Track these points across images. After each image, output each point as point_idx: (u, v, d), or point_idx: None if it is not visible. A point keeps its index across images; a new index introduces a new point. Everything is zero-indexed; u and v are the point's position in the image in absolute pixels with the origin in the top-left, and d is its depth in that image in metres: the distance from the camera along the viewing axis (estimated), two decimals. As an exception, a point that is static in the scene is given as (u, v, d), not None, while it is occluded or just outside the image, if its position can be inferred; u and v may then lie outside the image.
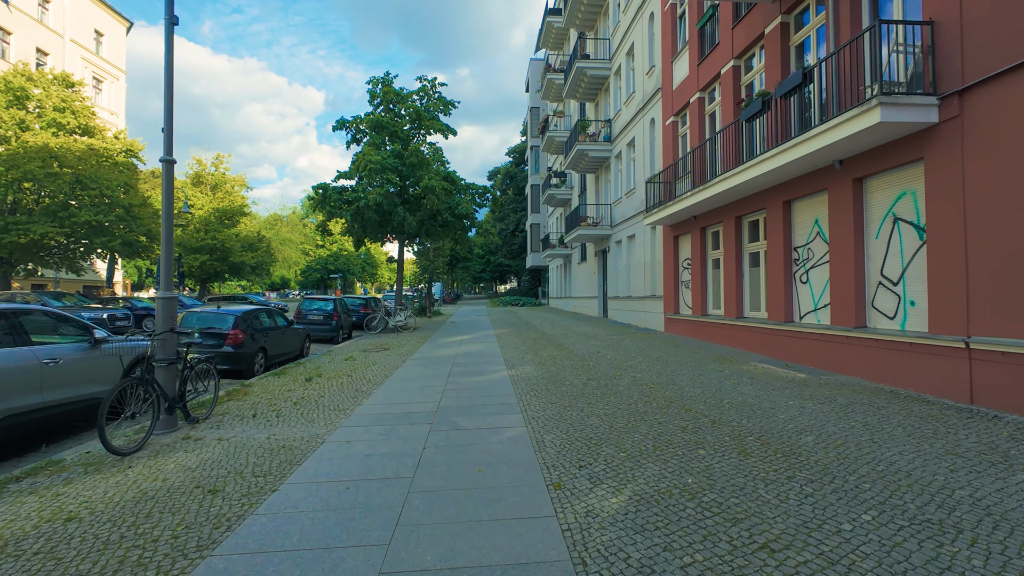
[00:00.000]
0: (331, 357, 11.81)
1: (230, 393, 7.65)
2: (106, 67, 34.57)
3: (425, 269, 30.95)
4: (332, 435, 5.32)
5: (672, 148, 14.42)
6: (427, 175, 17.39)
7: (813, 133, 6.96)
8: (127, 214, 21.28)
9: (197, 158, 35.65)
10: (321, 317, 16.58)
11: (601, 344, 12.48)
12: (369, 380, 8.53)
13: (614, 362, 9.61)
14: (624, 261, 19.19)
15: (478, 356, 11.15)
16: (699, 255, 12.68)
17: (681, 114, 14.18)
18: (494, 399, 6.82)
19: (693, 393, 6.77)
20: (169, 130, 5.82)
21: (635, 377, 8.03)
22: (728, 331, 11.17)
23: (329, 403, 6.84)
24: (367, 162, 16.59)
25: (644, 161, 16.77)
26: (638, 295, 17.47)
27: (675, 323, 14.22)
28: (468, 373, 8.98)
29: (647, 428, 5.20)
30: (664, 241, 15.01)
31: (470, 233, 21.21)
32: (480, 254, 59.51)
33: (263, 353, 10.52)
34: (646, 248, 16.65)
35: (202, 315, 10.22)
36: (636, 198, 17.55)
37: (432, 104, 19.09)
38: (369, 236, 19.02)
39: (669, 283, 14.64)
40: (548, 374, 8.57)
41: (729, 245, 11.17)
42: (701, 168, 12.09)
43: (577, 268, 28.02)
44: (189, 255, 31.65)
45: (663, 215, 13.42)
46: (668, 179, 13.96)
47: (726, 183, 9.96)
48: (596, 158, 21.24)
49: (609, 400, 6.51)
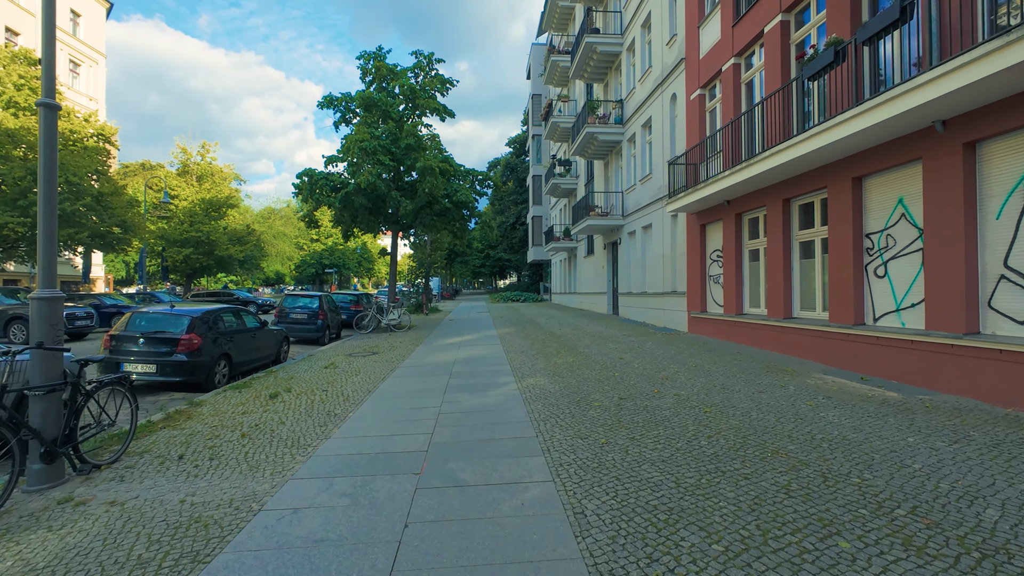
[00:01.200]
0: (310, 364, 10.19)
1: (169, 417, 6.03)
2: (84, 50, 32.69)
3: (422, 263, 29.29)
4: (276, 496, 3.70)
5: (698, 125, 12.76)
6: (423, 157, 15.72)
7: (922, 80, 5.31)
8: (97, 203, 19.57)
9: (182, 146, 33.88)
10: (305, 316, 14.95)
11: (621, 348, 10.87)
12: (347, 398, 6.90)
13: (644, 372, 8.00)
14: (638, 254, 17.56)
15: (480, 362, 9.54)
16: (733, 245, 11.05)
17: (710, 86, 12.51)
18: (504, 429, 5.21)
19: (765, 421, 5.16)
20: (50, 66, 4.17)
21: (679, 395, 6.42)
22: (773, 334, 9.56)
23: (288, 435, 5.22)
24: (356, 142, 14.91)
25: (663, 142, 15.11)
26: (655, 291, 15.85)
27: (702, 323, 12.61)
28: (469, 387, 7.36)
29: (732, 488, 3.59)
30: (688, 231, 13.38)
31: (470, 225, 19.53)
32: (479, 248, 57.85)
33: (226, 361, 8.89)
34: (665, 239, 15.01)
35: (151, 317, 8.58)
36: (653, 184, 15.90)
37: (428, 82, 17.38)
38: (360, 226, 17.37)
39: (694, 278, 13.02)
40: (568, 389, 6.96)
41: (775, 233, 9.55)
42: (735, 145, 10.46)
43: (583, 262, 26.39)
44: (172, 248, 29.95)
45: (688, 201, 11.79)
46: (693, 161, 12.32)
47: (773, 160, 8.33)
48: (606, 142, 19.56)
49: (658, 433, 4.90)
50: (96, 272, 33.78)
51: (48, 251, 4.10)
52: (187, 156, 33.86)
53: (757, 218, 10.57)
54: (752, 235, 10.78)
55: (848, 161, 7.59)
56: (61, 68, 30.76)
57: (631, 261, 18.54)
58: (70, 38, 31.77)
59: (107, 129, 21.64)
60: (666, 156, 14.88)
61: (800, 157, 7.77)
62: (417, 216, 17.20)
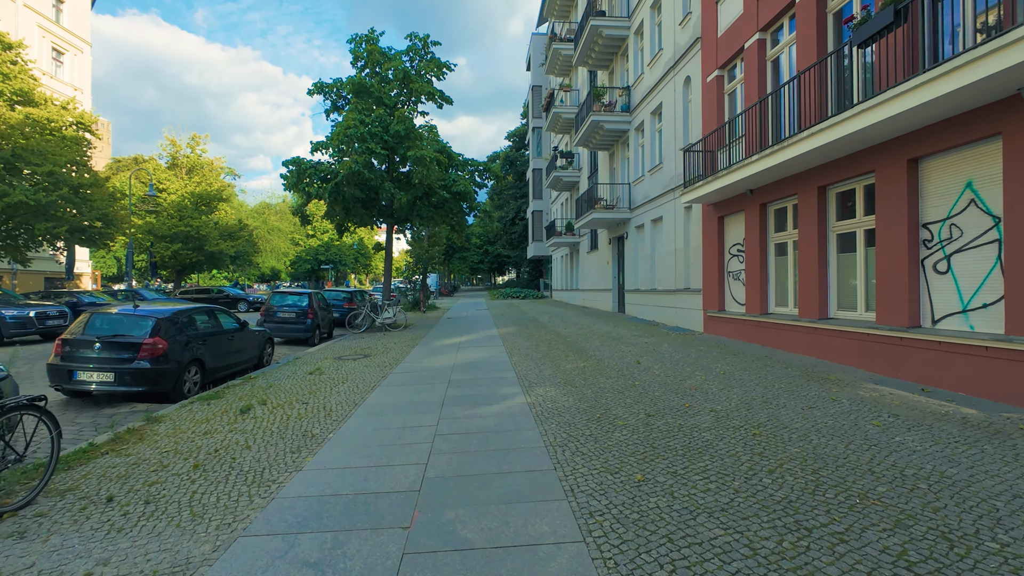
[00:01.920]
0: (294, 368, 9.25)
1: (116, 439, 5.10)
2: (68, 37, 31.50)
3: (419, 259, 28.32)
4: (216, 566, 2.77)
5: (715, 109, 11.81)
6: (416, 146, 14.73)
7: (1012, 39, 4.38)
8: (75, 195, 18.53)
9: (171, 138, 32.75)
10: (293, 315, 13.99)
11: (635, 350, 9.95)
12: (329, 413, 5.97)
13: (668, 381, 7.09)
14: (646, 249, 16.63)
15: (481, 368, 8.61)
16: (757, 239, 10.12)
17: (729, 66, 11.55)
18: (514, 458, 4.29)
19: (832, 449, 4.24)
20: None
21: (716, 411, 5.50)
22: (805, 336, 8.65)
23: (251, 465, 4.30)
24: (345, 128, 13.92)
25: (675, 130, 14.15)
26: (666, 288, 14.93)
27: (720, 323, 11.70)
28: (470, 399, 6.44)
29: (829, 557, 2.67)
30: (704, 223, 12.45)
31: (469, 218, 18.53)
32: (478, 244, 56.85)
33: (198, 367, 7.94)
34: (677, 233, 14.08)
35: (111, 318, 7.61)
36: (664, 174, 14.95)
37: (424, 66, 16.37)
38: (352, 219, 16.38)
39: (711, 274, 12.10)
40: (584, 402, 6.04)
41: (808, 224, 8.62)
42: (760, 129, 9.51)
43: (586, 258, 25.45)
44: (160, 243, 28.90)
45: (705, 191, 10.86)
46: (710, 147, 11.39)
47: (808, 143, 7.40)
48: (612, 131, 18.59)
49: (705, 465, 3.98)
50: (82, 268, 32.74)
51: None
52: (176, 148, 32.74)
53: (785, 208, 9.64)
54: (779, 227, 9.85)
55: (902, 141, 6.66)
56: (43, 56, 29.63)
57: (639, 256, 17.61)
58: (53, 25, 30.59)
59: (87, 117, 20.57)
60: (679, 144, 13.94)
61: (842, 138, 6.84)
62: (413, 208, 16.22)
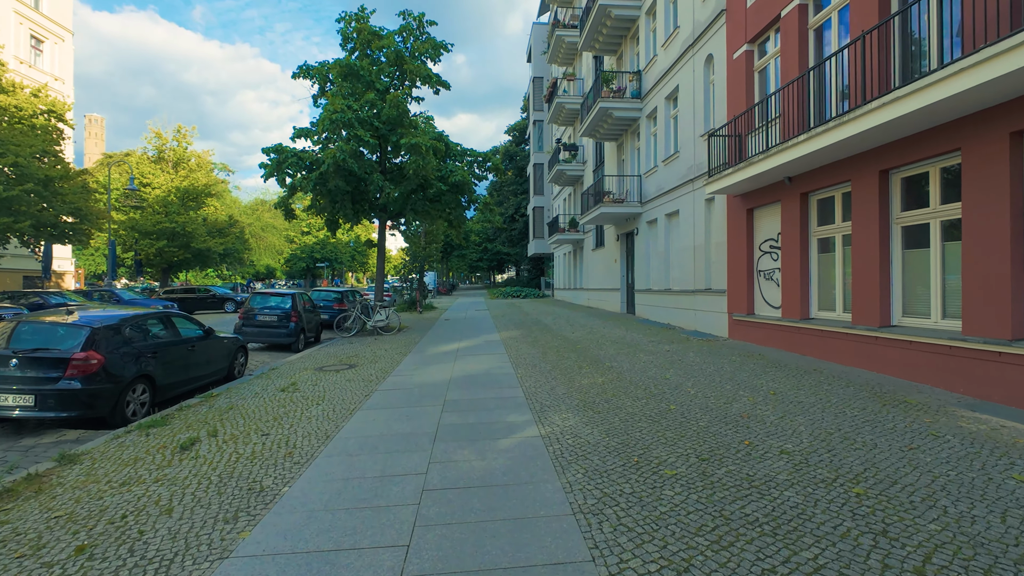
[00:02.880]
0: (265, 383, 7.98)
1: (2, 494, 3.85)
2: (48, 25, 30.09)
3: (416, 257, 27.04)
4: None
5: (744, 89, 10.55)
6: (410, 133, 13.45)
7: None
8: (45, 188, 17.22)
9: (156, 131, 31.38)
10: (275, 318, 12.72)
11: (657, 360, 8.69)
12: (289, 452, 4.71)
13: (709, 404, 5.84)
14: (660, 245, 15.38)
15: (483, 383, 7.35)
16: (797, 233, 8.87)
17: (761, 39, 10.28)
18: (531, 537, 3.03)
19: (983, 524, 3.00)
20: None
21: (788, 453, 4.25)
22: (861, 347, 7.40)
23: (162, 545, 3.04)
24: (331, 113, 12.63)
25: (694, 115, 12.89)
26: (683, 288, 13.68)
27: (748, 328, 10.46)
28: (469, 431, 5.18)
29: None
30: (729, 217, 11.19)
31: (468, 213, 17.25)
32: (477, 241, 55.59)
33: (147, 385, 6.67)
34: (697, 227, 12.82)
35: (41, 328, 6.35)
36: (680, 164, 13.69)
37: (418, 47, 15.08)
38: (341, 214, 15.11)
39: (737, 274, 10.85)
40: (614, 437, 4.79)
41: (865, 216, 7.37)
42: (801, 108, 8.25)
43: (591, 255, 24.19)
44: (145, 240, 27.59)
45: (733, 181, 9.62)
46: (737, 132, 10.14)
47: (872, 118, 6.16)
48: (622, 119, 17.31)
49: (816, 560, 2.73)
50: (65, 267, 31.39)
51: None
52: (162, 141, 31.39)
53: (832, 198, 8.38)
54: (824, 219, 8.59)
55: (1002, 111, 5.41)
56: (22, 43, 28.27)
57: (651, 253, 16.36)
58: (32, 11, 29.18)
59: (59, 105, 19.25)
60: (697, 130, 12.68)
61: (919, 110, 5.59)
62: (407, 202, 14.95)
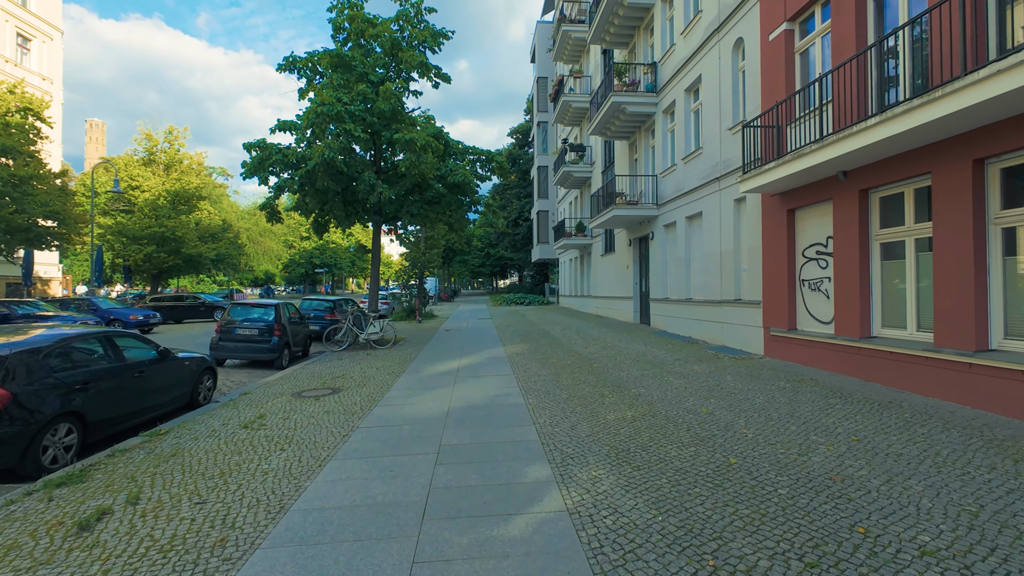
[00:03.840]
0: (225, 417, 6.70)
1: None
2: (35, 23, 29.12)
3: (415, 263, 25.80)
4: None
5: (783, 74, 9.30)
6: (405, 128, 12.23)
7: None
8: (14, 189, 16.04)
9: (146, 132, 30.27)
10: (256, 332, 11.46)
11: (693, 386, 7.39)
12: (222, 539, 3.41)
13: (777, 455, 4.53)
14: (679, 251, 14.09)
15: (487, 420, 6.05)
16: (856, 236, 7.58)
17: (804, 16, 9.03)
18: None
19: None
20: None
21: (930, 552, 2.94)
22: (948, 374, 6.09)
23: None
24: (318, 106, 11.41)
25: (720, 107, 11.64)
26: (708, 299, 12.38)
27: (789, 345, 9.15)
28: (470, 498, 3.87)
29: None
30: (765, 219, 9.91)
31: (470, 215, 15.99)
32: (479, 247, 54.39)
33: (74, 423, 5.40)
34: (724, 231, 11.55)
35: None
36: (704, 161, 12.43)
37: (416, 35, 13.88)
38: (331, 215, 13.88)
39: (776, 283, 9.56)
40: (670, 517, 3.48)
41: (952, 215, 6.08)
42: (859, 91, 7.00)
43: (600, 261, 22.91)
44: (132, 245, 26.41)
45: (774, 177, 8.35)
46: (774, 122, 8.90)
47: (974, 93, 4.89)
48: (635, 115, 16.07)
49: None
50: (51, 273, 30.25)
51: None
52: (152, 143, 30.27)
53: (900, 195, 7.09)
54: (889, 220, 7.30)
55: None
56: (8, 41, 27.28)
57: (669, 260, 15.07)
58: (19, 9, 28.22)
59: (36, 103, 18.13)
60: (724, 124, 11.42)
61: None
62: (403, 204, 13.71)
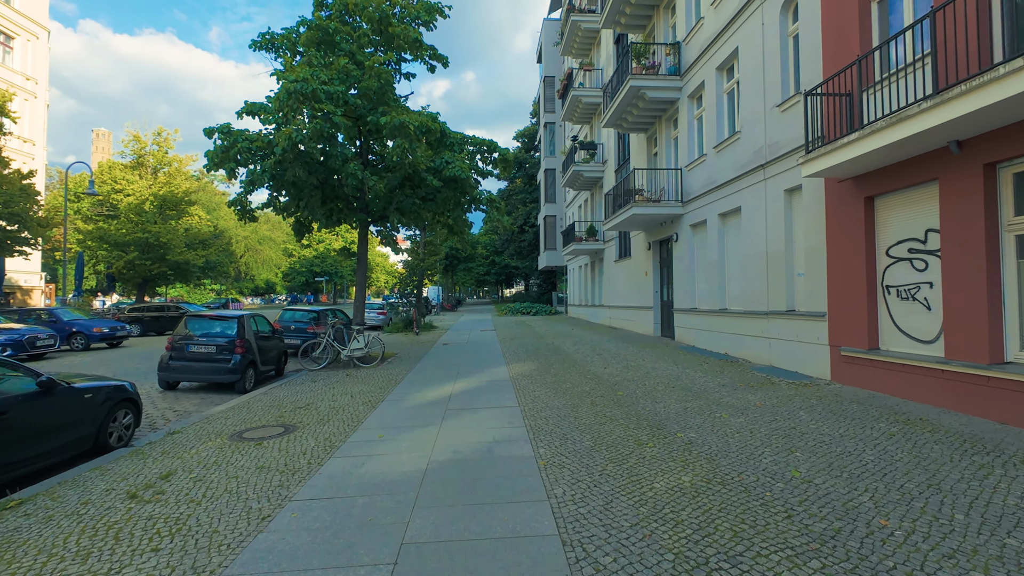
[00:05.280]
0: (118, 477, 4.84)
1: None
2: (20, 21, 27.85)
3: (414, 269, 24.00)
4: None
5: (856, 29, 7.45)
6: (393, 111, 10.48)
7: None
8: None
9: (134, 134, 28.82)
10: (213, 350, 9.64)
11: (760, 428, 5.46)
12: None
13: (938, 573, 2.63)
14: (711, 253, 12.20)
15: (479, 487, 4.14)
16: (979, 227, 5.67)
17: (885, -47, 7.19)
18: None
19: None
20: None
21: None
22: None
23: None
24: (291, 82, 9.68)
25: (764, 81, 9.81)
26: (748, 309, 10.46)
27: (868, 369, 7.20)
28: None
29: None
30: (833, 210, 8.00)
31: (475, 217, 14.15)
32: (484, 254, 52.63)
33: None
34: (771, 228, 9.65)
35: None
36: (743, 148, 10.57)
37: (408, 9, 12.18)
38: (309, 212, 12.12)
39: (847, 289, 7.63)
40: None
41: None
42: (983, 32, 5.12)
43: (614, 267, 21.01)
44: (114, 252, 24.83)
45: (851, 155, 6.47)
46: (844, 89, 7.06)
47: None
48: (656, 102, 14.26)
49: None
50: (32, 282, 28.70)
51: None
52: (141, 145, 28.82)
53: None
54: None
55: None
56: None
57: (696, 264, 13.17)
58: (2, 6, 26.99)
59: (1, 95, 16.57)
60: (771, 101, 9.58)
61: None
62: (391, 200, 11.93)
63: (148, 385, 10.06)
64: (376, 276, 76.73)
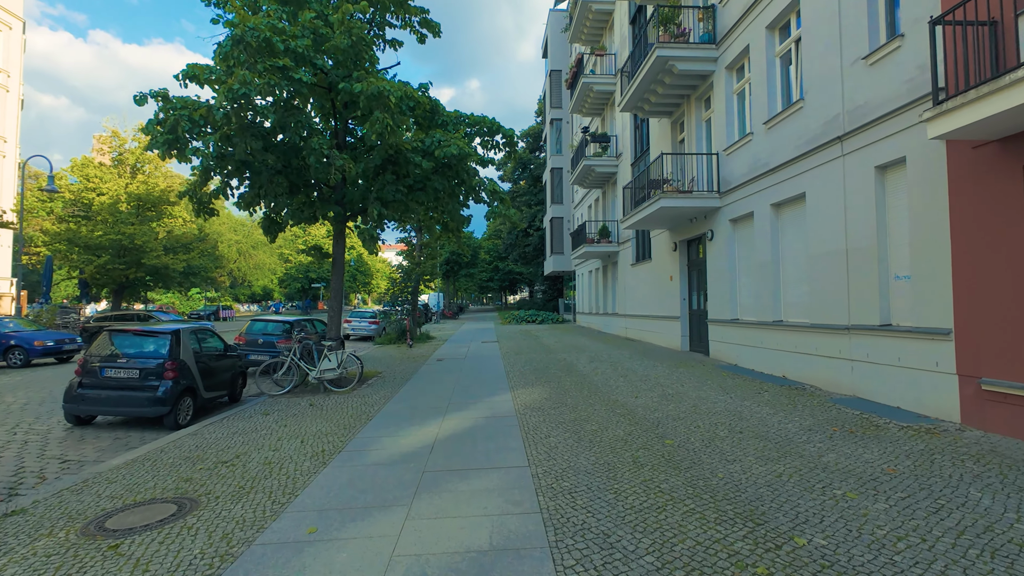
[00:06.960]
0: None
1: None
2: (-9, 9, 26.12)
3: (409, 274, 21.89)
4: None
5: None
6: (369, 77, 8.39)
7: None
8: None
9: (113, 130, 26.96)
10: (135, 374, 7.49)
11: (931, 531, 3.28)
12: None
13: None
14: (761, 253, 10.03)
15: None
16: None
17: None
18: None
19: None
20: None
21: None
22: None
23: None
24: (241, 32, 7.62)
25: (842, 29, 7.69)
26: (817, 322, 8.26)
27: None
28: None
29: None
30: (961, 189, 5.84)
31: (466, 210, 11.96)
32: (487, 260, 50.55)
33: None
34: (853, 217, 7.48)
35: None
36: (810, 119, 8.42)
37: (393, -38, 10.12)
38: (274, 203, 10.04)
39: (988, 297, 5.46)
40: None
41: None
42: None
43: (630, 272, 18.84)
44: (85, 255, 22.86)
45: (1014, 103, 4.32)
46: (987, 17, 4.95)
47: None
48: (688, 75, 12.13)
49: None
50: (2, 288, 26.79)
51: None
52: (120, 142, 26.95)
53: None
54: None
55: None
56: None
57: (739, 266, 11.01)
58: (-29, -7, 25.26)
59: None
60: (852, 53, 7.45)
61: None
62: (371, 187, 9.83)
63: (55, 419, 7.94)
64: (376, 283, 74.63)
